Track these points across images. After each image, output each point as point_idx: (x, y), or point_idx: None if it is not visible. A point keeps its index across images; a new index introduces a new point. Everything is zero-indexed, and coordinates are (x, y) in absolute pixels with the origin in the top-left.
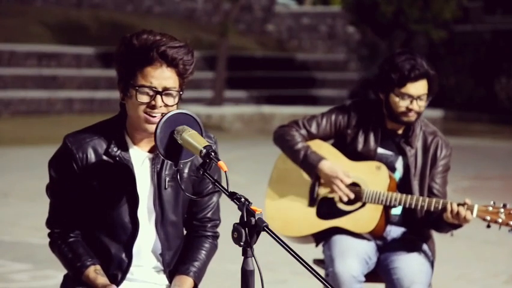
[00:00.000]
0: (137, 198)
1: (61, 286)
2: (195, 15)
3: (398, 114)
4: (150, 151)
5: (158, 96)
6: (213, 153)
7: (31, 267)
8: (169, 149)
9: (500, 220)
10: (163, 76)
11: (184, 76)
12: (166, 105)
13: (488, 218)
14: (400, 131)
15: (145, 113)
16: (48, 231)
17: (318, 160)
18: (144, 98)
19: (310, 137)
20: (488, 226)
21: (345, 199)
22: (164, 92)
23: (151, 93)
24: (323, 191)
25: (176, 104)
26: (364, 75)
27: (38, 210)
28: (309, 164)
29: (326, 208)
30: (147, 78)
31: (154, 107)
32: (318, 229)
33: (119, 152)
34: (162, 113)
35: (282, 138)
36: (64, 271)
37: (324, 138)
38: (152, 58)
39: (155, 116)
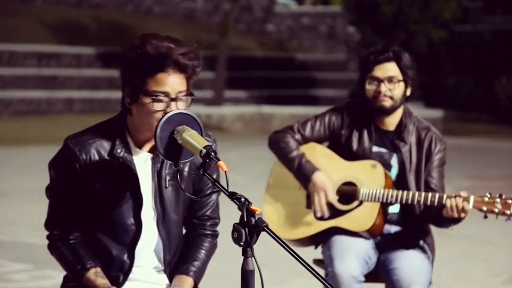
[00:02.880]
0: (141, 200)
1: (61, 287)
2: (195, 15)
3: (371, 101)
4: (151, 151)
5: (173, 103)
6: (212, 153)
7: (31, 267)
8: (169, 149)
9: (496, 210)
10: (175, 82)
11: (192, 78)
12: None
13: (485, 208)
14: (392, 128)
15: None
16: (47, 233)
17: (312, 171)
18: (160, 106)
19: (305, 140)
20: (485, 216)
21: (318, 215)
22: (178, 97)
23: (166, 99)
24: None
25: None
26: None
27: (38, 210)
28: (303, 175)
29: None
30: (160, 86)
31: None
32: (317, 230)
33: (122, 153)
34: None
35: (277, 145)
36: (64, 272)
37: (319, 140)
38: (167, 65)
39: None
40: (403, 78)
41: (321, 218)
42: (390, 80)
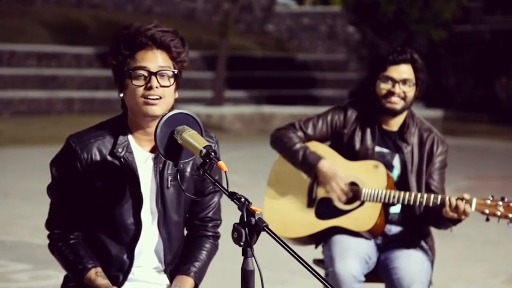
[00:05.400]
0: (141, 199)
1: (61, 287)
2: (195, 15)
3: (381, 100)
4: (152, 151)
5: (153, 77)
6: (212, 153)
7: (31, 267)
8: (169, 149)
9: (499, 213)
10: (155, 58)
11: (178, 60)
12: (162, 86)
13: (487, 211)
14: (395, 129)
15: (143, 96)
16: (47, 232)
17: (318, 159)
18: (139, 82)
19: (307, 138)
20: (487, 219)
21: (343, 199)
22: (159, 72)
23: (146, 74)
24: (321, 192)
25: (173, 86)
26: (364, 75)
27: (38, 211)
28: (309, 164)
29: (325, 208)
30: (140, 62)
31: (150, 89)
32: (318, 229)
33: (123, 152)
34: (160, 96)
35: (280, 141)
36: (64, 271)
37: (321, 139)
38: (142, 43)
39: (153, 99)
40: (416, 81)
41: (323, 217)
42: (404, 82)
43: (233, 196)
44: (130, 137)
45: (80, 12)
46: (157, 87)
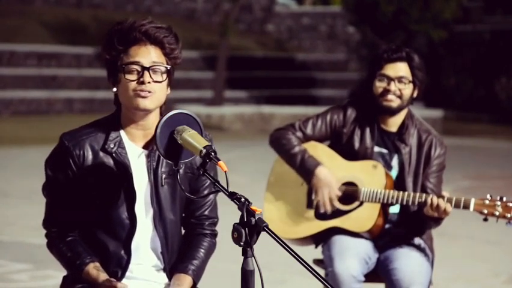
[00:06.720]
0: (135, 194)
1: (61, 287)
2: (195, 15)
3: (378, 98)
4: (145, 147)
5: (146, 72)
6: (213, 153)
7: (31, 267)
8: (169, 149)
9: (497, 213)
10: (148, 53)
11: (171, 56)
12: (155, 81)
13: (485, 211)
14: (395, 129)
15: (134, 90)
16: (45, 231)
17: (315, 166)
18: (132, 76)
19: (307, 138)
20: (486, 219)
21: (322, 211)
22: (152, 67)
23: (139, 69)
24: None
25: (166, 82)
26: (364, 75)
27: (38, 210)
28: (306, 170)
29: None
30: (133, 57)
31: (142, 83)
32: (317, 230)
33: (115, 148)
34: (151, 90)
35: (278, 142)
36: (64, 271)
37: (321, 139)
38: (136, 38)
39: (144, 93)
40: (412, 79)
41: (322, 217)
42: (400, 80)
43: (233, 196)
44: (122, 132)
45: (80, 12)
46: (149, 82)
